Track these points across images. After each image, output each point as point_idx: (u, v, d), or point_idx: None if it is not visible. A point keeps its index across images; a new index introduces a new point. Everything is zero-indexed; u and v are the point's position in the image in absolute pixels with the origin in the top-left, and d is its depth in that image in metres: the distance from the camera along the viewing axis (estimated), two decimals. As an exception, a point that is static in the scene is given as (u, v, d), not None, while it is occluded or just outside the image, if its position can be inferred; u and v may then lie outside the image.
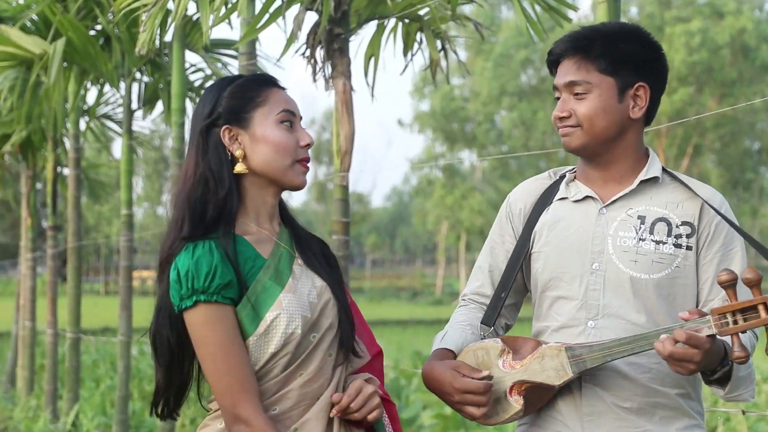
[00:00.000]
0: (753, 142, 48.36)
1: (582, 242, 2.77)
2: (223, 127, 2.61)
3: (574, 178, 2.89)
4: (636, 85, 2.75)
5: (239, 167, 2.59)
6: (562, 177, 2.92)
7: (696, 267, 2.75)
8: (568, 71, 2.76)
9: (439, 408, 8.94)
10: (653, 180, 2.79)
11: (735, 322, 2.41)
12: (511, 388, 2.69)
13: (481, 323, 2.91)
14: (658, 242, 2.72)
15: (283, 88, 2.70)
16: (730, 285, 2.41)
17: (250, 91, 2.64)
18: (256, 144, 2.60)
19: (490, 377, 2.67)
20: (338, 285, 2.70)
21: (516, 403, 2.69)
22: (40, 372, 13.37)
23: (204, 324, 2.50)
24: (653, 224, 2.74)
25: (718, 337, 2.45)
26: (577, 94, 2.74)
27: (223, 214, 2.57)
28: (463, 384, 2.65)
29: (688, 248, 2.73)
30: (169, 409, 2.67)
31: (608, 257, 2.73)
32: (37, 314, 12.96)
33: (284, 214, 2.75)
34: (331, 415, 2.56)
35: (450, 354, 2.80)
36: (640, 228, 2.74)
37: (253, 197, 2.64)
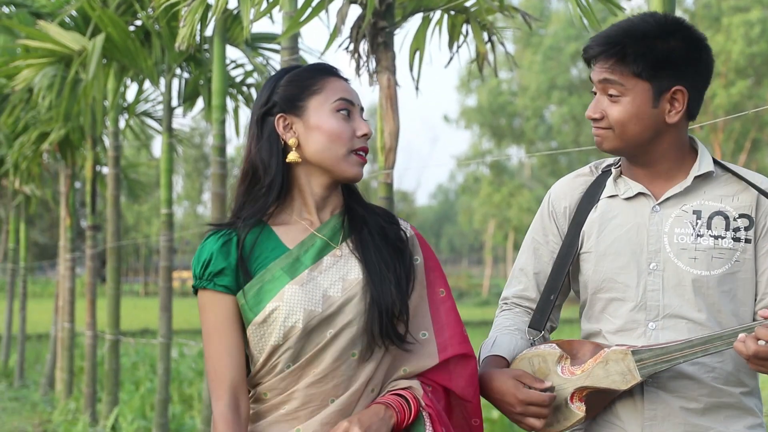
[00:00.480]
0: (814, 137, 47.89)
1: (637, 241, 2.74)
2: (278, 116, 2.61)
3: (621, 173, 2.84)
4: (673, 89, 2.69)
5: (292, 156, 2.59)
6: (606, 172, 2.89)
7: (754, 259, 2.73)
8: (603, 70, 2.71)
9: (486, 411, 8.92)
10: (706, 174, 2.76)
11: None
12: (572, 395, 2.67)
13: (530, 327, 2.89)
14: (716, 237, 2.70)
15: (344, 78, 2.68)
16: None
17: (307, 78, 2.63)
18: (311, 132, 2.59)
19: (552, 388, 2.65)
20: (385, 277, 2.60)
21: (578, 410, 2.67)
22: (79, 374, 13.47)
23: (201, 308, 2.60)
24: (710, 218, 2.71)
25: None
26: (611, 95, 2.70)
27: (258, 203, 2.60)
28: (527, 396, 2.63)
29: (747, 241, 2.71)
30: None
31: (666, 256, 2.71)
32: (76, 316, 13.03)
33: (351, 201, 2.71)
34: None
35: (503, 361, 2.78)
36: (697, 223, 2.71)
37: (302, 187, 2.63)
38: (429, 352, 2.65)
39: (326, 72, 2.66)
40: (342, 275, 2.60)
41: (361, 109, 2.67)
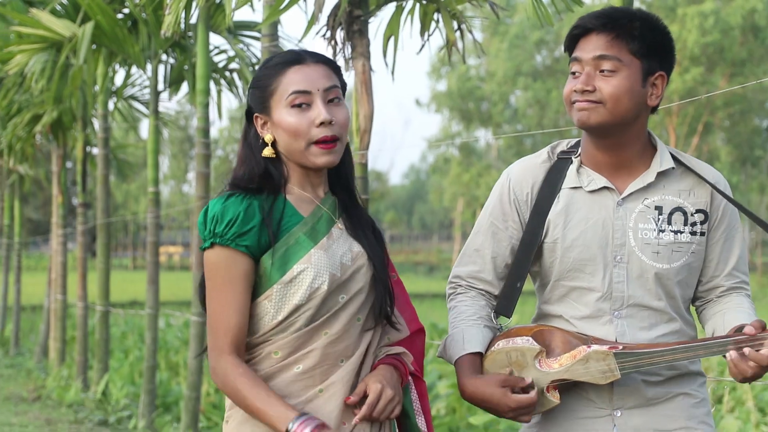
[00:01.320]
0: (762, 120, 48.18)
1: (603, 235, 2.73)
2: (254, 115, 2.65)
3: (581, 163, 2.81)
4: (657, 74, 2.71)
5: (266, 152, 2.61)
6: (564, 158, 2.84)
7: (705, 248, 2.76)
8: (598, 45, 2.67)
9: (454, 378, 8.95)
10: (666, 170, 2.76)
11: None
12: (548, 386, 2.68)
13: (498, 313, 2.87)
14: (676, 232, 2.72)
15: (310, 61, 2.62)
16: None
17: (266, 78, 2.62)
18: (276, 129, 2.61)
19: (533, 385, 2.67)
20: (378, 256, 2.67)
21: (553, 397, 2.69)
22: (71, 343, 13.46)
23: (213, 266, 2.55)
24: (671, 214, 2.73)
25: None
26: (603, 70, 2.66)
27: (266, 186, 2.60)
28: (518, 402, 2.64)
29: (702, 234, 2.74)
30: None
31: (630, 249, 2.72)
32: (68, 288, 13.05)
33: (337, 184, 2.72)
34: (354, 422, 2.55)
35: (479, 359, 2.76)
36: (659, 219, 2.72)
37: (295, 170, 2.64)
38: (402, 325, 2.72)
39: (283, 65, 2.62)
40: (348, 247, 2.63)
41: (332, 88, 2.62)
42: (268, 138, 2.61)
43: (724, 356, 2.55)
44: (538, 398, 2.67)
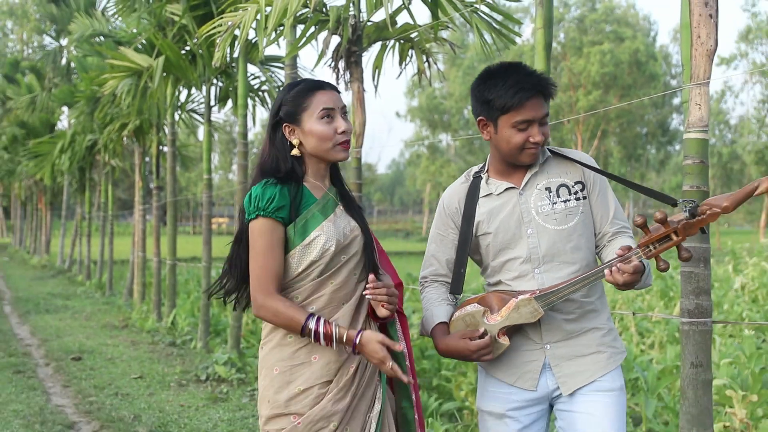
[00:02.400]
0: (642, 128, 48.22)
1: (516, 218, 2.74)
2: (284, 125, 2.63)
3: (489, 177, 2.82)
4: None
5: (295, 151, 2.61)
6: (476, 177, 2.85)
7: (590, 208, 2.76)
8: (541, 106, 2.64)
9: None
10: (546, 160, 2.78)
11: (655, 248, 2.47)
12: (499, 333, 2.68)
13: (452, 293, 2.88)
14: (565, 201, 2.72)
15: (329, 88, 2.64)
16: (644, 225, 2.46)
17: (300, 98, 2.61)
18: (306, 136, 2.60)
19: (485, 333, 2.67)
20: (367, 229, 2.69)
21: (504, 341, 2.68)
22: (149, 287, 13.44)
23: (258, 232, 2.53)
24: (557, 190, 2.73)
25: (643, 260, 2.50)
26: (542, 123, 2.65)
27: (291, 176, 2.60)
28: (476, 345, 2.65)
29: (584, 198, 2.74)
30: (241, 306, 2.70)
31: (536, 223, 2.71)
32: (146, 248, 13.03)
33: (335, 177, 2.73)
34: (366, 289, 2.54)
35: (446, 326, 2.77)
36: (550, 195, 2.72)
37: (312, 166, 2.65)
38: (386, 276, 2.72)
39: (313, 89, 2.62)
40: (347, 222, 2.64)
41: (343, 107, 2.65)
42: (295, 142, 2.62)
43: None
44: (492, 343, 2.67)
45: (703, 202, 2.46)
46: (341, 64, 5.47)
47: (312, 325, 2.47)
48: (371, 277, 2.54)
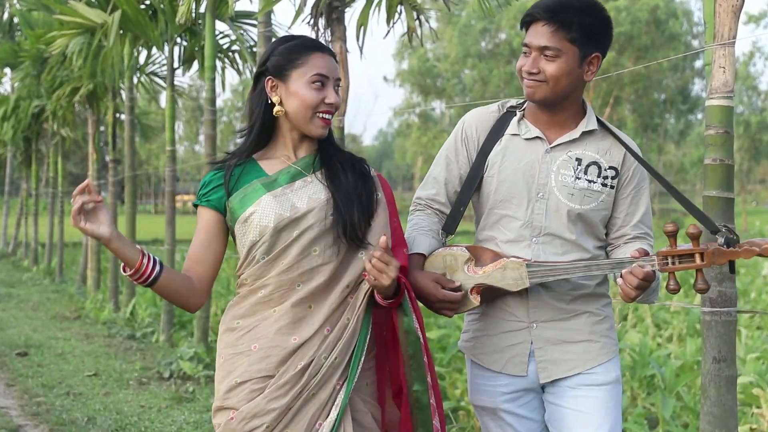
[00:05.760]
0: (660, 95, 48.32)
1: (530, 174, 2.73)
2: (267, 78, 2.61)
3: (523, 116, 2.81)
4: (593, 55, 2.68)
5: (276, 109, 2.60)
6: (510, 112, 2.84)
7: (614, 200, 2.76)
8: (542, 36, 2.64)
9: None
10: (592, 131, 2.76)
11: (673, 263, 2.48)
12: (472, 289, 2.68)
13: (444, 230, 2.87)
14: (590, 181, 2.71)
15: (328, 53, 2.63)
16: (672, 234, 2.46)
17: (294, 52, 2.59)
18: (289, 96, 2.58)
19: (461, 287, 2.67)
20: (346, 195, 2.59)
21: (475, 300, 2.68)
22: (105, 273, 13.41)
23: (198, 217, 2.68)
24: (587, 166, 2.72)
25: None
26: (546, 55, 2.64)
27: (245, 142, 2.66)
28: (445, 296, 2.65)
29: (611, 187, 2.74)
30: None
31: (551, 189, 2.71)
32: (102, 228, 12.92)
33: (326, 140, 2.68)
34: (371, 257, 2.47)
35: (422, 258, 2.77)
36: (577, 168, 2.71)
37: (284, 133, 2.64)
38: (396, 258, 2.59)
39: (312, 48, 2.60)
40: (309, 194, 2.59)
41: (338, 79, 2.63)
42: (276, 99, 2.60)
43: (616, 281, 2.57)
44: (462, 298, 2.67)
45: (746, 241, 2.48)
46: (321, 22, 5.44)
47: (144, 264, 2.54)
48: (382, 239, 2.43)
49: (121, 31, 8.97)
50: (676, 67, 46.19)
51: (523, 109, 2.82)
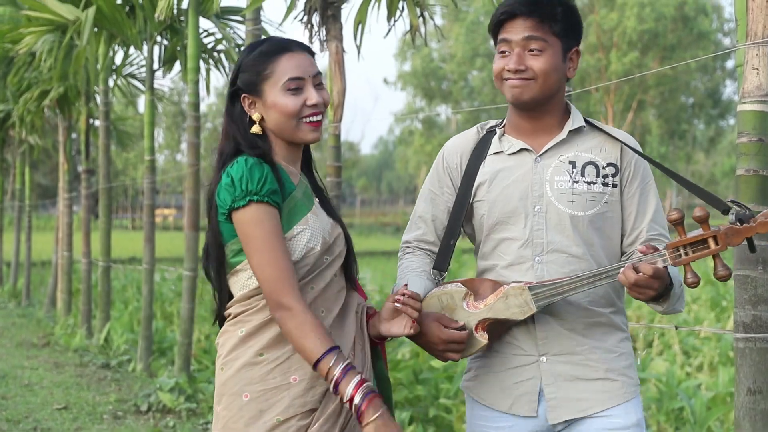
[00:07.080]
0: (688, 98, 48.40)
1: (523, 189, 2.73)
2: (242, 96, 2.62)
3: (504, 132, 2.83)
4: (573, 49, 2.74)
5: (255, 128, 2.60)
6: (490, 132, 2.86)
7: (620, 201, 2.75)
8: (525, 28, 2.67)
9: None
10: (578, 129, 2.77)
11: (686, 254, 2.45)
12: (477, 326, 2.66)
13: (436, 269, 2.87)
14: (589, 183, 2.71)
15: (298, 50, 2.62)
16: (679, 222, 2.42)
17: (261, 64, 2.59)
18: (268, 110, 2.59)
19: (464, 327, 2.65)
20: (344, 227, 2.70)
21: (482, 338, 2.66)
22: (77, 295, 13.40)
23: (253, 221, 2.47)
24: (583, 167, 2.72)
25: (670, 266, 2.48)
26: (531, 50, 2.66)
27: (263, 155, 2.58)
28: (449, 336, 2.63)
29: (614, 186, 2.73)
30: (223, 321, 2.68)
31: (548, 200, 2.71)
32: (73, 246, 12.99)
33: (305, 164, 2.72)
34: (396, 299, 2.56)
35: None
36: (573, 172, 2.72)
37: (280, 146, 2.64)
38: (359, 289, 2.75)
39: (278, 52, 2.60)
40: (326, 216, 2.64)
41: (317, 74, 2.63)
42: (256, 117, 2.60)
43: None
44: (467, 338, 2.65)
45: (761, 213, 2.45)
46: (315, 19, 5.46)
47: (330, 363, 2.39)
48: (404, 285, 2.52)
49: (96, 29, 8.99)
50: (706, 68, 46.28)
51: (503, 126, 2.84)
